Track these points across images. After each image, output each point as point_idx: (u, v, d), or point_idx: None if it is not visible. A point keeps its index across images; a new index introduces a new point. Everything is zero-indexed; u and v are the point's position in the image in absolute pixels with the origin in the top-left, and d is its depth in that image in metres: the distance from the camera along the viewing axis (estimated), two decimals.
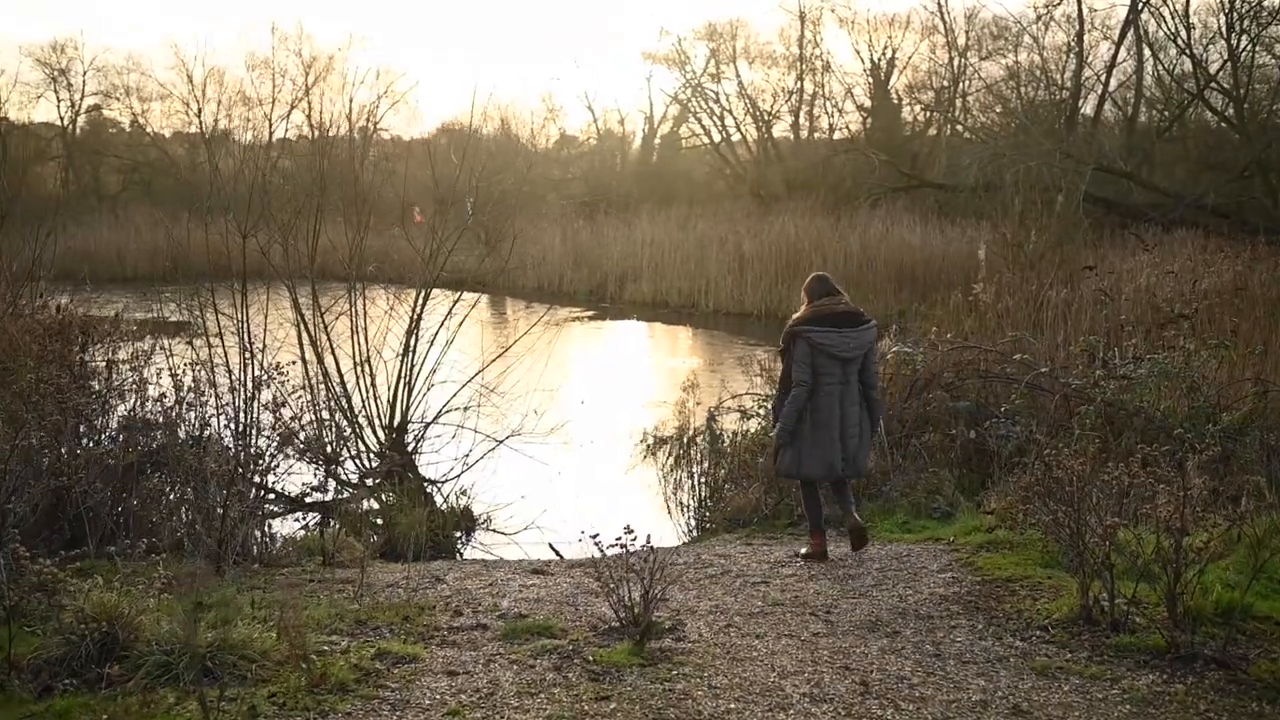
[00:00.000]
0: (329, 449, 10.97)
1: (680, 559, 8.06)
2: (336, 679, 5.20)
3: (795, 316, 7.97)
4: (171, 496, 8.81)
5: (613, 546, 6.19)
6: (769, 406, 9.95)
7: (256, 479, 9.07)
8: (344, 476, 11.13)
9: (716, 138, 46.86)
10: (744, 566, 7.86)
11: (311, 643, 5.65)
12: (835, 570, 7.68)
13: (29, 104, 49.44)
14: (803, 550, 8.13)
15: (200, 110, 44.29)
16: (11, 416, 7.26)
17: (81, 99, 48.04)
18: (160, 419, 9.34)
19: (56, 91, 47.65)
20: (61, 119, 48.19)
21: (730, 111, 46.47)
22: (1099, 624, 6.12)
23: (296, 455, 10.38)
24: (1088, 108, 35.27)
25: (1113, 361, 10.80)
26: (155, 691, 4.87)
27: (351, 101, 35.70)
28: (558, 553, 9.24)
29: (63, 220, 30.51)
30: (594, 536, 6.29)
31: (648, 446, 12.37)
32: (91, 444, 8.76)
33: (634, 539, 6.16)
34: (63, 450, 8.09)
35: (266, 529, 8.96)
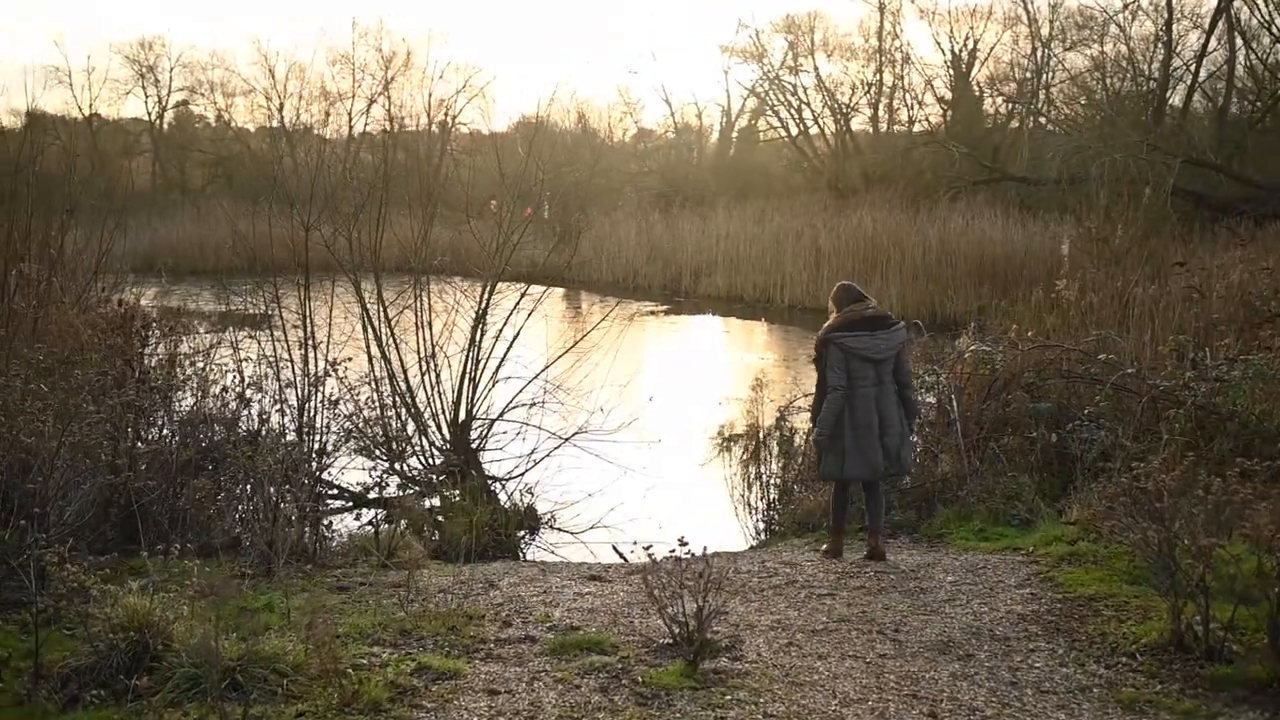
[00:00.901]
0: (392, 445, 10.83)
1: (745, 566, 7.78)
2: (370, 697, 4.93)
3: (826, 325, 8.20)
4: (231, 493, 8.70)
5: (667, 558, 5.89)
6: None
7: (314, 476, 8.93)
8: (407, 473, 10.94)
9: (794, 131, 46.19)
10: (810, 576, 7.53)
11: (350, 654, 5.42)
12: (906, 582, 7.30)
13: (118, 100, 50.58)
14: (824, 547, 8.40)
15: (282, 105, 45.02)
16: (62, 411, 7.11)
17: (168, 94, 49.06)
18: (220, 414, 9.24)
19: (144, 88, 48.77)
20: (149, 114, 49.19)
21: (808, 104, 45.83)
22: (1192, 651, 5.66)
23: (357, 451, 10.28)
24: (1176, 99, 34.22)
25: (1204, 362, 10.29)
26: (179, 707, 4.65)
27: (430, 96, 35.70)
28: (621, 555, 9.08)
29: (147, 214, 31.35)
30: (647, 548, 6.01)
31: (717, 445, 12.12)
32: (150, 439, 8.66)
33: (688, 551, 5.85)
34: (119, 445, 7.97)
35: (325, 527, 8.77)
